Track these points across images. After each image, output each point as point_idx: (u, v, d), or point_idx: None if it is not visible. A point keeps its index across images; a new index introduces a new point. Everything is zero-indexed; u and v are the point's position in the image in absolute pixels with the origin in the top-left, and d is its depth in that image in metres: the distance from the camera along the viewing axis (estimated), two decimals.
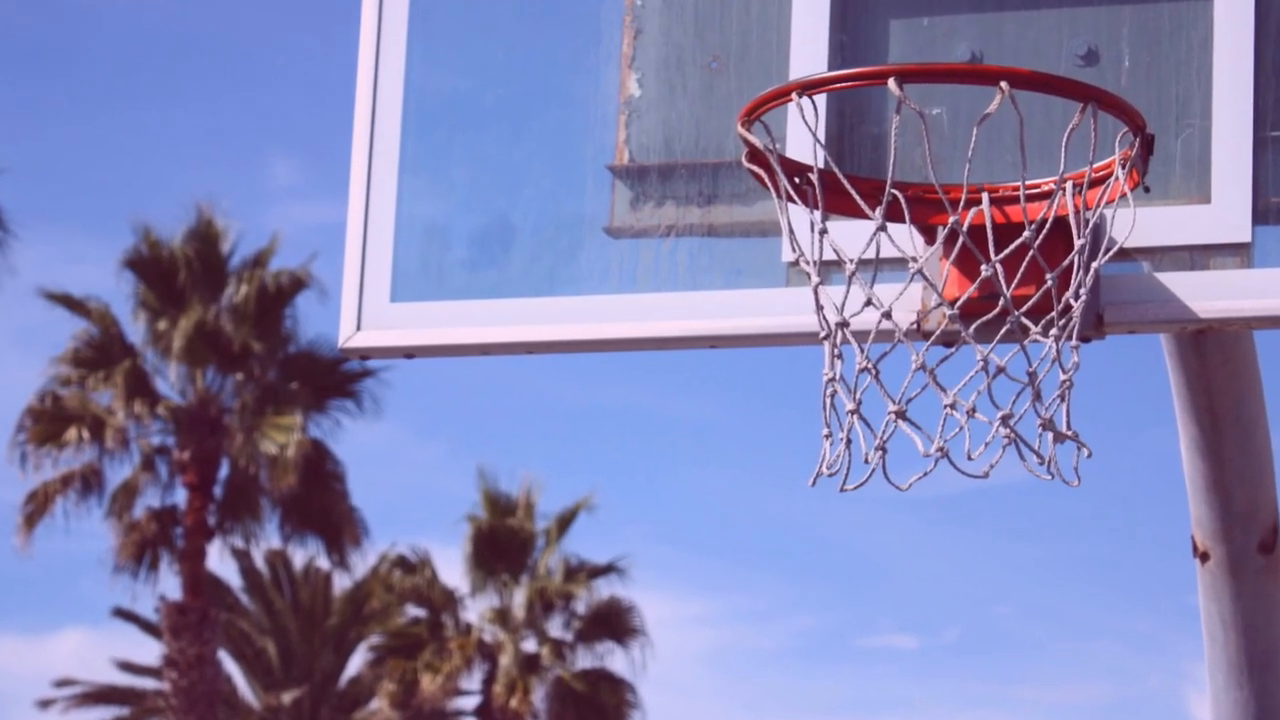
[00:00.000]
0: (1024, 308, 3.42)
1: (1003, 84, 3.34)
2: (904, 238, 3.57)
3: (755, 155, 3.54)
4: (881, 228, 3.42)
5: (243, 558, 26.20)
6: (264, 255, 23.38)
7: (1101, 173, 3.52)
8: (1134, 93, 3.65)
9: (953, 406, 3.37)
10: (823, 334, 3.48)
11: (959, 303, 3.44)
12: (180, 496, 22.90)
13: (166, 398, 22.87)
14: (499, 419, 38.07)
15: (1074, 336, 3.45)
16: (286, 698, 26.23)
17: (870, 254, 3.42)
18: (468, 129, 4.03)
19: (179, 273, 22.89)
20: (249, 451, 22.60)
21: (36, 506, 22.57)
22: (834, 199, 3.51)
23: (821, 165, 3.54)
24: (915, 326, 3.60)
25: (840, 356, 3.46)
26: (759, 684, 36.67)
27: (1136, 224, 3.53)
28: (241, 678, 26.64)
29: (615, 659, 25.61)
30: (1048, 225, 3.44)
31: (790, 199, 3.51)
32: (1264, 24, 3.66)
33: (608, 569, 26.00)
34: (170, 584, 23.30)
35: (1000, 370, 3.40)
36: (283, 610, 26.71)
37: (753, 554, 37.62)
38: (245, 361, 22.84)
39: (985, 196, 3.51)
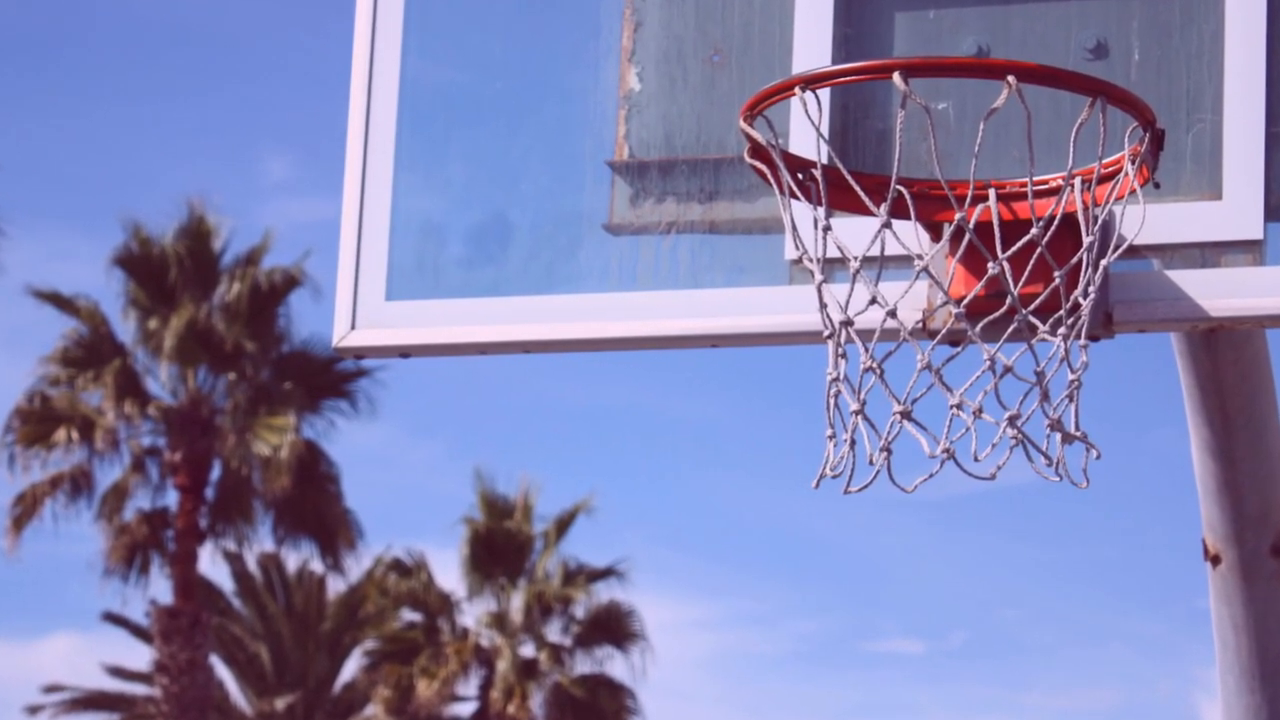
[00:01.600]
0: (1032, 306, 3.38)
1: (1010, 78, 3.30)
2: (909, 235, 3.53)
3: (757, 151, 3.49)
4: (886, 225, 3.37)
5: (235, 561, 26.14)
6: (257, 253, 23.32)
7: (1111, 168, 3.48)
8: (1144, 87, 3.60)
9: (959, 407, 3.32)
10: (826, 333, 3.44)
11: (965, 301, 3.40)
12: (171, 498, 22.86)
13: (157, 398, 22.81)
14: (496, 419, 38.06)
15: (1082, 335, 3.41)
16: (280, 703, 26.17)
17: (875, 251, 3.38)
18: (465, 124, 3.98)
19: (170, 270, 22.83)
20: (241, 453, 22.54)
21: (25, 509, 22.50)
22: (838, 195, 3.47)
23: (825, 161, 3.49)
24: (920, 325, 3.55)
25: (844, 356, 3.42)
26: (761, 689, 36.67)
27: (1146, 221, 3.49)
28: (234, 683, 26.58)
29: (615, 664, 25.58)
30: (1056, 222, 3.39)
31: (793, 195, 3.46)
32: (1276, 17, 3.62)
33: (607, 572, 25.96)
34: (161, 587, 23.22)
35: (1007, 370, 3.35)
36: (276, 614, 26.65)
37: (755, 557, 37.60)
38: (237, 361, 22.79)
39: (992, 193, 3.46)
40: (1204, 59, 3.65)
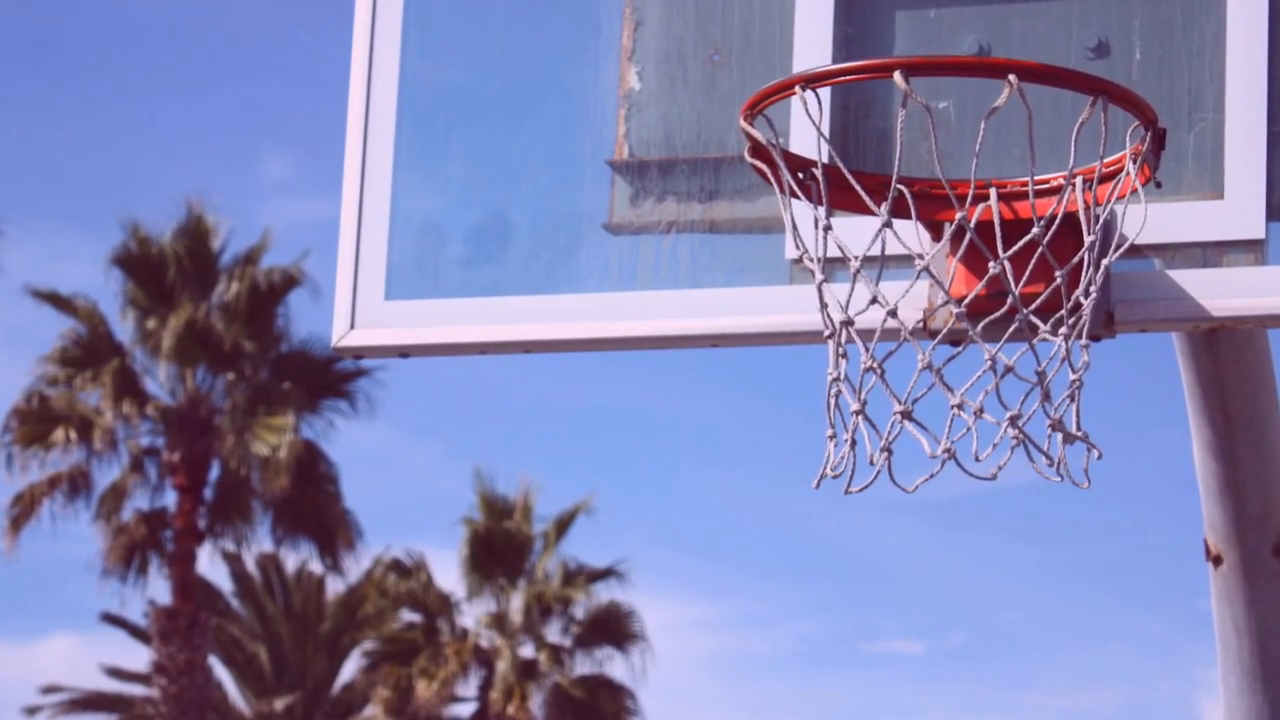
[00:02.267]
0: (1033, 306, 3.37)
1: (1011, 77, 3.29)
2: (910, 234, 3.52)
3: (758, 150, 3.48)
4: (887, 224, 3.36)
5: (234, 561, 26.12)
6: (255, 252, 23.30)
7: (1112, 168, 3.47)
8: (1145, 86, 3.59)
9: (960, 407, 3.32)
10: (827, 333, 3.43)
11: (966, 301, 3.39)
12: (170, 499, 22.84)
13: (156, 398, 22.79)
14: (496, 419, 38.02)
15: (1084, 335, 3.40)
16: (279, 704, 26.15)
17: (875, 251, 3.37)
18: (464, 123, 3.97)
19: (168, 270, 22.80)
20: (240, 453, 22.53)
21: (23, 509, 22.48)
22: (838, 194, 3.46)
23: (826, 160, 3.48)
24: (921, 325, 3.55)
25: (845, 356, 3.41)
26: (761, 690, 36.63)
27: (1148, 220, 3.48)
28: (232, 684, 26.57)
29: (615, 665, 25.56)
30: (1057, 221, 3.38)
31: (794, 194, 3.45)
32: (1278, 16, 3.61)
33: (607, 573, 25.93)
34: (160, 588, 23.16)
35: (1008, 370, 3.35)
36: (275, 615, 26.64)
37: (755, 557, 37.57)
38: (236, 361, 22.77)
39: (993, 192, 3.45)
40: (1205, 58, 3.64)
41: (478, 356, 3.92)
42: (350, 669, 26.72)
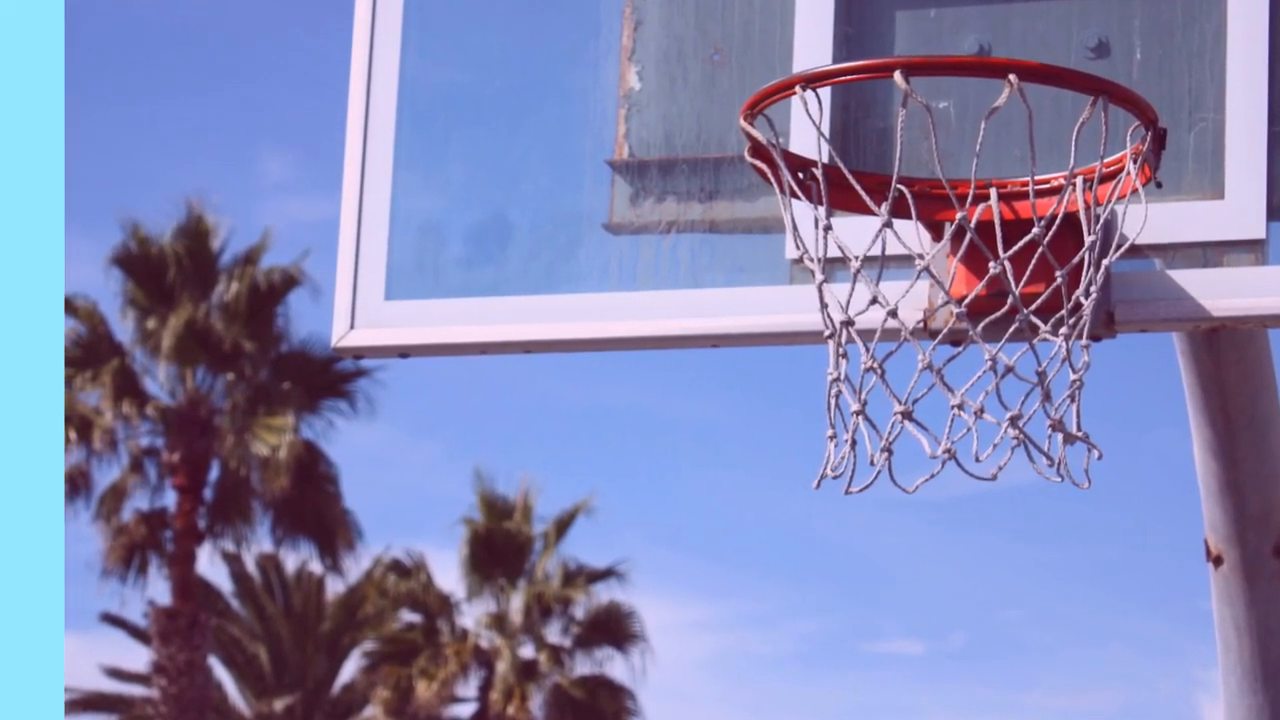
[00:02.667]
0: (1033, 306, 3.37)
1: (1011, 77, 3.29)
2: (910, 234, 3.52)
3: (758, 150, 3.48)
4: (887, 224, 3.36)
5: (234, 562, 26.12)
6: (255, 252, 23.30)
7: (1112, 168, 3.47)
8: (1145, 86, 3.59)
9: (960, 407, 3.32)
10: (827, 333, 3.43)
11: (966, 301, 3.39)
12: (170, 499, 22.84)
13: (156, 398, 22.79)
14: (496, 419, 38.02)
15: (1084, 335, 3.40)
16: (278, 705, 26.15)
17: (876, 251, 3.37)
18: (464, 123, 3.97)
19: (168, 270, 22.80)
20: (240, 453, 22.53)
21: None
22: (838, 194, 3.46)
23: (826, 160, 3.49)
24: (922, 325, 3.54)
25: (845, 356, 3.41)
26: (761, 690, 36.63)
27: (1148, 220, 3.48)
28: (232, 684, 26.57)
29: (615, 665, 25.56)
30: (1057, 221, 3.38)
31: (794, 194, 3.45)
32: (1278, 16, 3.60)
33: (607, 573, 25.94)
34: (159, 588, 23.16)
35: (1009, 370, 3.35)
36: (274, 615, 26.64)
37: (755, 558, 37.56)
38: (236, 361, 22.77)
39: (993, 192, 3.45)
40: (1206, 58, 3.64)
41: (478, 356, 3.92)
42: (350, 669, 26.73)
